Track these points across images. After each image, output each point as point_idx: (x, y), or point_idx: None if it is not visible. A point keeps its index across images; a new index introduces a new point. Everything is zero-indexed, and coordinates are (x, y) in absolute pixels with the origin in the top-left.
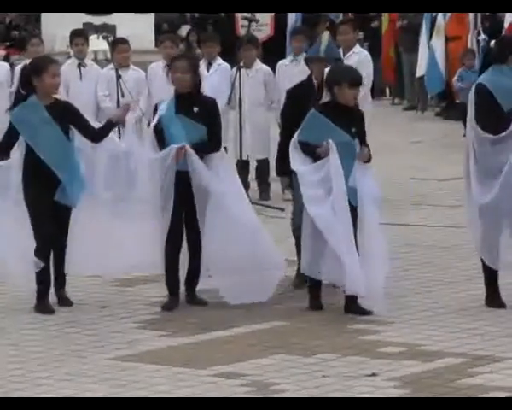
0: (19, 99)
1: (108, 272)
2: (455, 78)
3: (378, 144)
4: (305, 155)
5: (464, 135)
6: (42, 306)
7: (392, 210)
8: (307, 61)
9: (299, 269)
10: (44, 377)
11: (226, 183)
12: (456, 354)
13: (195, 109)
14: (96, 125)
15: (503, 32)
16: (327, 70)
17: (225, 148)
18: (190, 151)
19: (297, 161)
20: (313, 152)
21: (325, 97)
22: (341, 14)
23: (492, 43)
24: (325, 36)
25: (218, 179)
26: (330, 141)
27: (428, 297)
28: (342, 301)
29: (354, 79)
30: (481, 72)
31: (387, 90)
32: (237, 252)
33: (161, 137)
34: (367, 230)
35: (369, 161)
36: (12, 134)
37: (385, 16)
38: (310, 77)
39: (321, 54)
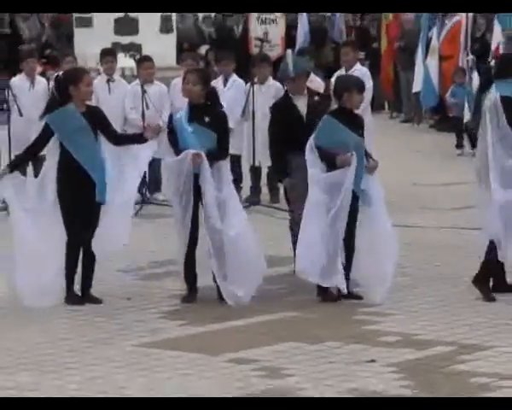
0: (50, 106)
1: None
2: (448, 93)
3: (379, 153)
4: (322, 161)
5: (457, 146)
6: (72, 298)
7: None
8: (280, 81)
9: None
10: (73, 361)
11: (227, 190)
12: (447, 342)
13: (207, 119)
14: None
15: (490, 53)
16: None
17: (240, 156)
18: (204, 158)
19: (312, 165)
20: (332, 159)
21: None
22: (345, 36)
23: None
24: (289, 55)
25: (220, 187)
26: (354, 154)
27: (424, 292)
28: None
29: (361, 86)
30: (483, 87)
31: (386, 105)
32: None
33: (175, 142)
34: (381, 228)
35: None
36: (46, 136)
37: (384, 38)
38: (286, 93)
39: (290, 72)
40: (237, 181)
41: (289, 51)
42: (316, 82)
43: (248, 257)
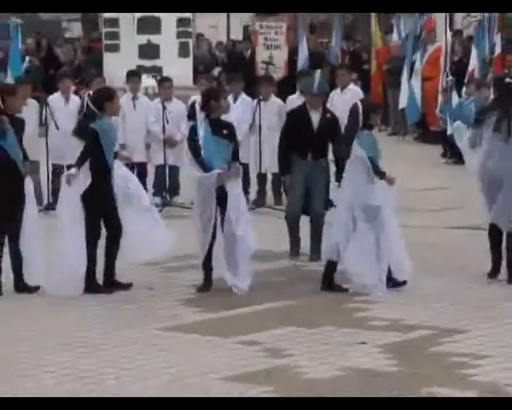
0: (85, 119)
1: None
2: (437, 109)
3: None
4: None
5: (443, 155)
6: (95, 288)
7: None
8: (302, 93)
9: (291, 247)
10: (104, 343)
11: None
12: (429, 327)
13: (225, 131)
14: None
15: (467, 75)
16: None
17: (247, 164)
18: (230, 174)
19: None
20: (382, 175)
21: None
22: (340, 60)
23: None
24: (317, 74)
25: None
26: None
27: (409, 284)
28: (342, 284)
29: (380, 107)
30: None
31: None
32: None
33: (197, 152)
34: (392, 229)
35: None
36: (95, 142)
37: (374, 61)
38: (304, 104)
39: (314, 89)
40: (245, 186)
41: (318, 71)
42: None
43: (248, 254)
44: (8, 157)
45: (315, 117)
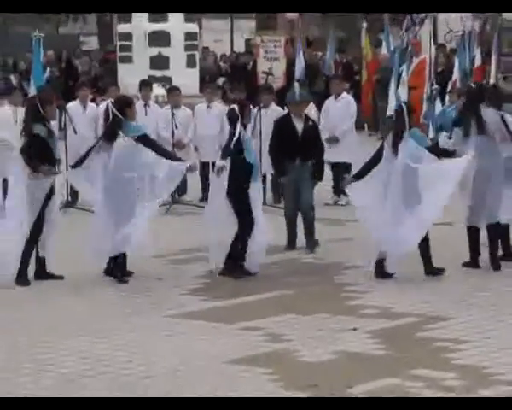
0: (111, 126)
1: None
2: (422, 115)
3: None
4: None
5: None
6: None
7: None
8: (286, 105)
9: (288, 241)
10: (116, 328)
11: None
12: (415, 314)
13: None
14: None
15: (449, 84)
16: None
17: None
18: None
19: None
20: (452, 153)
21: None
22: (333, 70)
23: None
24: (296, 86)
25: None
26: None
27: (398, 275)
28: (335, 276)
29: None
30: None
31: (366, 125)
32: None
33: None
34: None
35: None
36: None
37: (364, 72)
38: (288, 113)
39: (296, 98)
40: None
41: (296, 84)
42: (312, 110)
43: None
44: (55, 156)
45: (298, 125)
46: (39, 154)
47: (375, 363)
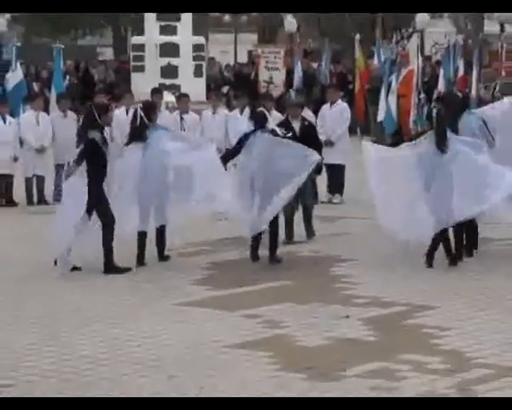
0: (138, 128)
1: None
2: (411, 121)
3: (354, 163)
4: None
5: None
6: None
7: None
8: (285, 107)
9: (286, 235)
10: (129, 315)
11: None
12: (403, 303)
13: None
14: None
15: (435, 93)
16: None
17: None
18: None
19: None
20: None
21: None
22: (328, 80)
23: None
24: (292, 92)
25: None
26: None
27: (389, 268)
28: (330, 268)
29: None
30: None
31: (358, 130)
32: None
33: None
34: None
35: None
36: None
37: (357, 81)
38: (287, 116)
39: (293, 99)
40: None
41: (291, 90)
42: (308, 112)
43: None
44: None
45: (296, 125)
46: (92, 157)
47: (366, 348)
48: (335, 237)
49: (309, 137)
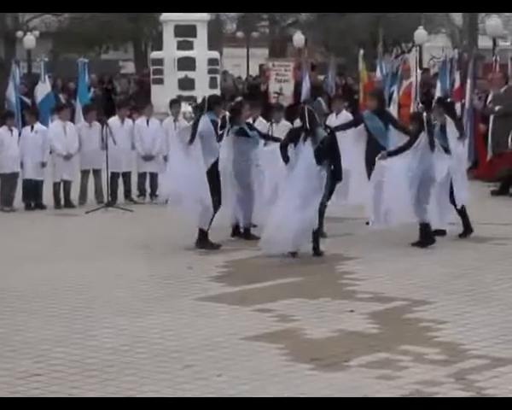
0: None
1: None
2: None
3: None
4: None
5: None
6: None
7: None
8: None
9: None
10: (151, 310)
11: None
12: (403, 298)
13: None
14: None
15: (433, 103)
16: None
17: None
18: None
19: None
20: None
21: None
22: (334, 91)
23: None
24: (321, 102)
25: None
26: None
27: (389, 265)
28: (336, 266)
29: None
30: None
31: None
32: None
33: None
34: None
35: None
36: None
37: (362, 92)
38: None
39: (324, 111)
40: None
41: (320, 98)
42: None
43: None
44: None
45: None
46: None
47: (369, 340)
48: (341, 236)
49: (332, 143)
